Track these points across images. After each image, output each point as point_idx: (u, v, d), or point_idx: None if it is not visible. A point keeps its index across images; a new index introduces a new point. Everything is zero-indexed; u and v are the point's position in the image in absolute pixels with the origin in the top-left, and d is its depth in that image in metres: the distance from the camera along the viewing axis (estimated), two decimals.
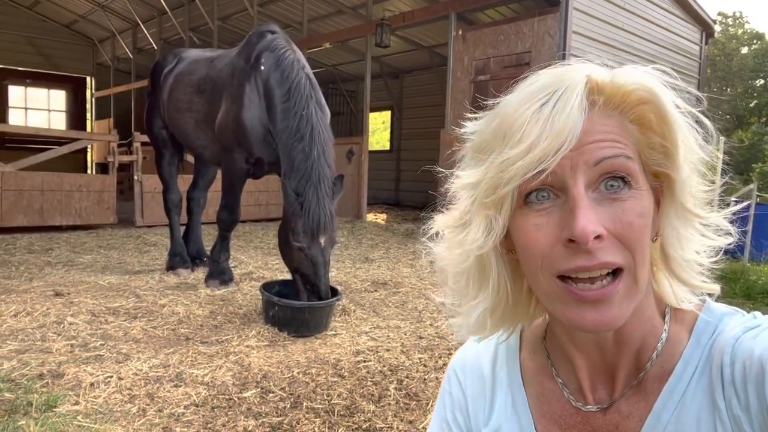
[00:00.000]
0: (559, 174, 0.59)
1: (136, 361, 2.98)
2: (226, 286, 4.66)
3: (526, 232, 0.62)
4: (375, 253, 6.92)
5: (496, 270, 0.70)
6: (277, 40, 4.30)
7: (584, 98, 0.59)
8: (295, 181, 3.72)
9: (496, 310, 0.72)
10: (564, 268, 0.60)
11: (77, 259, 5.87)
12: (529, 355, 0.80)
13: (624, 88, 0.61)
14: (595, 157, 0.59)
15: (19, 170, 7.99)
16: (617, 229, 0.59)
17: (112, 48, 17.85)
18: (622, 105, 0.61)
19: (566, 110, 0.57)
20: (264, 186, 9.75)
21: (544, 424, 0.75)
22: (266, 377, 2.87)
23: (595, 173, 0.59)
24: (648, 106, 0.61)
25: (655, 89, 0.61)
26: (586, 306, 0.60)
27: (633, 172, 0.60)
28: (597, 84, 0.61)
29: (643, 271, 0.61)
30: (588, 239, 0.56)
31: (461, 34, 8.20)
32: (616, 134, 0.60)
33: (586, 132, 0.59)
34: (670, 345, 0.68)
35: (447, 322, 0.72)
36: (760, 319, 0.63)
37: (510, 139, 0.60)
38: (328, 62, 14.97)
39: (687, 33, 9.58)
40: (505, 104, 0.63)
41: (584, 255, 0.58)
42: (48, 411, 2.41)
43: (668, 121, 0.61)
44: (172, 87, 4.99)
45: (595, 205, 0.59)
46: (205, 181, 5.63)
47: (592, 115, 0.60)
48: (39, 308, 3.81)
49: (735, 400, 0.59)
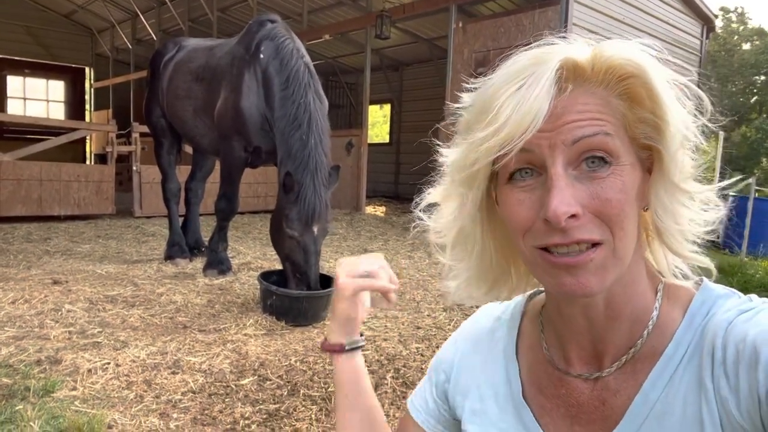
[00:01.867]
0: (538, 154, 0.61)
1: (134, 348, 2.98)
2: (224, 276, 4.66)
3: (510, 207, 0.65)
4: (373, 245, 6.93)
5: (480, 239, 0.73)
6: (277, 29, 4.28)
7: (553, 83, 0.60)
8: (292, 168, 3.71)
9: (487, 275, 0.77)
10: (541, 243, 0.62)
11: (75, 249, 5.87)
12: (528, 325, 0.82)
13: (609, 62, 0.61)
14: (572, 137, 0.60)
15: (18, 160, 7.97)
16: (595, 205, 0.60)
17: (111, 38, 17.76)
18: (606, 80, 0.61)
19: (532, 96, 0.59)
20: (263, 177, 9.74)
21: (532, 393, 0.76)
22: (263, 365, 2.87)
23: (575, 152, 0.60)
24: (635, 79, 0.61)
25: (643, 63, 0.60)
26: (563, 272, 0.62)
27: (612, 148, 0.60)
28: (575, 64, 0.61)
29: (624, 244, 0.62)
30: (560, 220, 0.58)
31: (461, 27, 8.17)
32: (596, 112, 0.60)
33: (564, 112, 0.60)
34: (662, 324, 0.67)
35: (444, 284, 0.78)
36: (755, 302, 0.63)
37: (484, 120, 0.62)
38: (328, 54, 14.91)
39: (688, 27, 9.56)
40: (488, 84, 0.65)
41: (559, 233, 0.60)
42: (45, 396, 2.42)
43: (656, 96, 0.60)
44: (171, 75, 4.97)
45: (575, 183, 0.60)
46: (203, 172, 5.62)
47: (570, 95, 0.60)
48: (37, 296, 3.81)
49: (724, 381, 0.59)
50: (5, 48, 16.95)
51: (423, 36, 12.91)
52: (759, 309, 0.61)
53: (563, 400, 0.72)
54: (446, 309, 4.05)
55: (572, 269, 0.61)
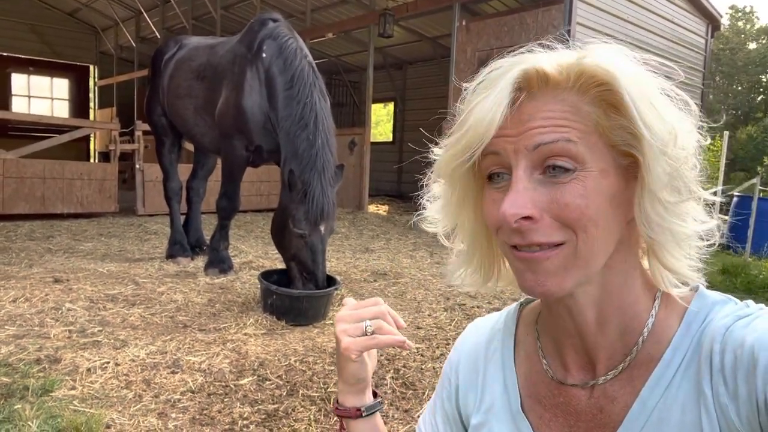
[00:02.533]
0: (505, 156, 0.63)
1: (134, 347, 2.98)
2: (225, 275, 4.66)
3: (486, 206, 0.67)
4: (375, 243, 6.92)
5: (471, 230, 0.76)
6: (279, 28, 4.28)
7: (508, 92, 0.61)
8: (299, 168, 3.70)
9: (477, 266, 0.78)
10: (507, 241, 0.65)
11: (78, 247, 5.88)
12: (524, 334, 0.81)
13: (581, 70, 0.61)
14: (533, 142, 0.61)
15: (21, 158, 7.99)
16: (554, 209, 0.61)
17: (115, 37, 17.79)
18: (577, 86, 0.61)
19: (488, 103, 0.62)
20: (265, 176, 9.74)
21: (530, 403, 0.75)
22: (263, 365, 2.87)
23: (537, 157, 0.61)
24: (605, 87, 0.60)
25: (614, 71, 0.59)
26: (525, 268, 0.64)
27: (575, 155, 0.60)
28: (542, 73, 0.62)
29: (588, 247, 0.61)
30: (509, 222, 0.61)
31: (465, 25, 8.15)
32: (561, 119, 0.60)
33: (530, 118, 0.61)
34: (658, 331, 0.67)
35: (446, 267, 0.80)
36: (752, 308, 0.63)
37: (457, 125, 0.66)
38: (331, 53, 14.90)
39: (692, 26, 9.51)
40: (469, 91, 0.67)
41: (518, 234, 0.62)
42: (44, 395, 2.41)
43: (625, 104, 0.59)
44: (172, 73, 4.97)
45: (537, 187, 0.61)
46: (204, 171, 5.62)
47: (539, 101, 0.62)
48: (38, 294, 3.81)
49: (723, 389, 0.58)
50: (10, 46, 17.02)
51: (426, 34, 12.88)
52: (756, 315, 0.61)
53: (561, 409, 0.72)
54: (447, 309, 4.04)
55: (533, 265, 0.62)
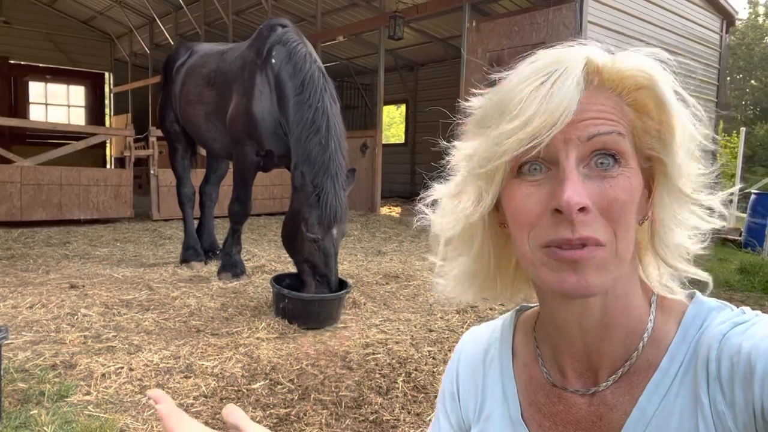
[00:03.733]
0: (551, 148, 0.61)
1: (148, 352, 3.01)
2: (238, 279, 4.69)
3: (516, 201, 0.64)
4: (388, 246, 6.92)
5: (481, 240, 0.73)
6: (288, 34, 4.30)
7: (581, 78, 0.60)
8: (311, 173, 3.72)
9: (476, 277, 0.76)
10: (548, 239, 0.61)
11: (94, 252, 5.96)
12: (521, 342, 0.81)
13: (623, 73, 0.62)
14: (588, 133, 0.60)
15: (38, 165, 8.12)
16: (603, 203, 0.60)
17: (130, 44, 18.02)
18: (619, 88, 0.62)
19: (563, 89, 0.59)
20: (278, 179, 9.79)
21: (530, 412, 0.75)
22: (275, 369, 2.88)
23: (587, 149, 0.61)
24: (646, 91, 0.62)
25: (654, 75, 0.61)
26: (566, 268, 0.61)
27: (624, 149, 0.61)
28: (596, 65, 0.62)
29: (624, 246, 0.61)
30: (572, 210, 0.58)
31: (475, 26, 8.13)
32: (611, 113, 0.61)
33: (582, 109, 0.60)
34: (656, 336, 0.67)
35: (433, 280, 0.78)
36: (748, 314, 0.62)
37: (508, 114, 0.62)
38: (342, 55, 14.95)
39: (706, 22, 9.38)
40: (506, 81, 0.65)
41: (568, 226, 0.59)
42: (60, 401, 2.45)
43: (666, 108, 0.61)
44: (183, 80, 5.02)
45: (585, 180, 0.60)
46: (217, 176, 5.67)
47: (589, 94, 0.61)
48: (54, 300, 3.87)
49: (720, 396, 0.58)
50: (27, 55, 17.30)
51: (437, 36, 12.87)
52: (752, 321, 0.60)
53: (561, 418, 0.71)
54: (459, 312, 4.03)
55: (577, 265, 0.60)
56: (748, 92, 23.70)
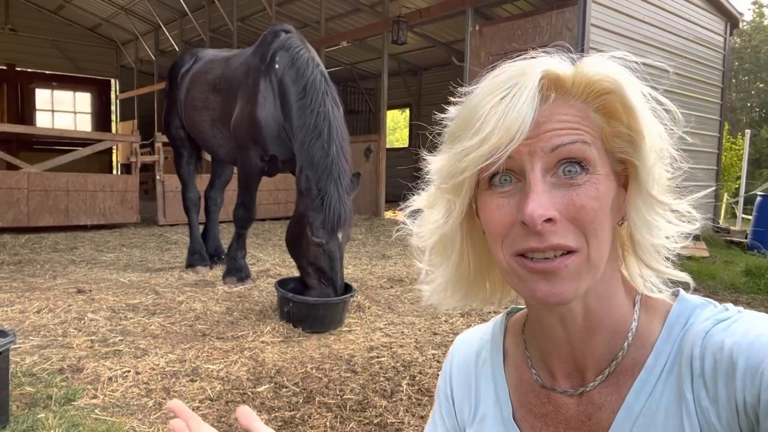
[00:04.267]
0: (518, 160, 0.62)
1: (154, 356, 3.03)
2: (243, 283, 4.71)
3: (489, 212, 0.65)
4: (392, 250, 6.93)
5: (459, 249, 0.74)
6: (291, 39, 4.33)
7: (536, 93, 0.61)
8: (315, 177, 3.74)
9: (459, 283, 0.77)
10: (519, 248, 0.62)
11: (100, 258, 5.99)
12: (512, 344, 0.82)
13: (588, 79, 0.62)
14: (551, 144, 0.61)
15: (45, 171, 8.18)
16: (570, 212, 0.60)
17: (135, 50, 18.15)
18: (584, 95, 0.63)
19: (518, 105, 0.60)
20: (283, 184, 9.83)
21: (521, 413, 0.76)
22: (280, 372, 2.90)
23: (553, 159, 0.61)
24: (612, 95, 0.62)
25: (619, 79, 0.62)
26: (538, 278, 0.62)
27: (589, 157, 0.61)
28: (556, 77, 0.63)
29: (598, 252, 0.62)
30: (536, 223, 0.59)
31: (478, 30, 8.15)
32: (575, 122, 0.62)
33: (545, 121, 0.61)
34: (641, 335, 0.68)
35: (419, 287, 0.80)
36: (731, 311, 0.63)
37: (470, 130, 0.63)
38: (346, 60, 15.00)
39: (710, 24, 9.37)
40: (472, 95, 0.66)
41: (536, 237, 0.60)
42: (67, 404, 2.47)
43: (632, 111, 0.62)
44: (188, 86, 5.06)
45: (552, 189, 0.61)
46: (222, 181, 5.70)
47: (552, 105, 0.62)
48: (61, 305, 3.90)
49: (703, 392, 0.59)
50: (34, 62, 17.45)
51: (440, 40, 12.91)
52: (735, 318, 0.61)
53: (551, 418, 0.72)
54: (463, 314, 4.03)
55: (548, 275, 0.61)
56: (753, 94, 23.60)
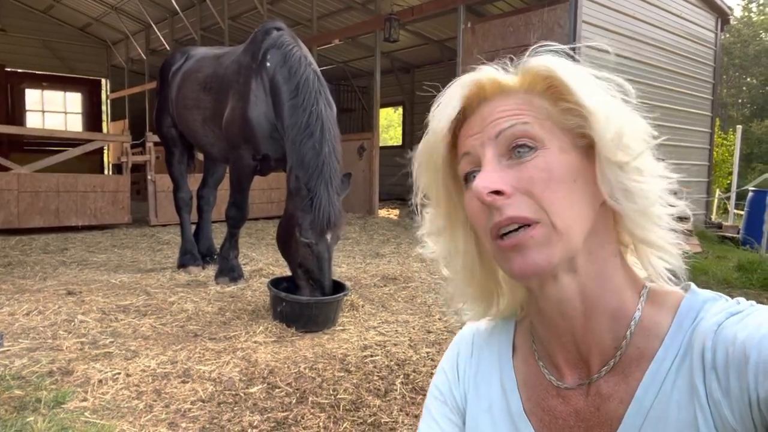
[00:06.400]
0: (475, 154, 0.70)
1: (145, 357, 3.00)
2: (236, 283, 4.68)
3: (468, 206, 0.72)
4: (386, 248, 6.91)
5: (463, 250, 0.81)
6: (283, 37, 4.29)
7: (456, 97, 0.73)
8: (305, 177, 3.71)
9: (468, 290, 0.84)
10: (489, 227, 0.67)
11: (91, 259, 5.94)
12: (521, 338, 0.83)
13: (525, 72, 0.71)
14: (495, 131, 0.69)
15: (35, 172, 8.11)
16: (522, 185, 0.66)
17: (126, 50, 18.02)
18: (525, 86, 0.70)
19: (440, 111, 0.74)
20: (276, 183, 9.78)
21: (530, 406, 0.77)
22: (273, 373, 2.87)
23: (502, 144, 0.68)
24: (548, 79, 0.69)
25: (550, 65, 0.68)
26: (512, 254, 0.66)
27: (533, 134, 0.67)
28: (494, 80, 0.72)
29: (562, 221, 0.65)
30: (481, 194, 0.65)
31: (470, 27, 8.13)
32: (514, 110, 0.69)
33: (488, 115, 0.70)
34: (648, 326, 0.68)
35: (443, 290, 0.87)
36: (743, 305, 0.64)
37: (426, 133, 0.76)
38: (338, 59, 14.96)
39: (701, 20, 9.39)
40: (435, 104, 0.78)
41: (496, 212, 0.66)
42: (56, 407, 2.44)
43: (570, 89, 0.67)
44: (180, 85, 5.02)
45: (506, 169, 0.67)
46: (214, 180, 5.66)
47: (493, 103, 0.71)
48: (51, 307, 3.85)
49: (715, 384, 0.59)
50: (23, 62, 17.30)
51: (433, 37, 12.89)
52: (748, 312, 0.62)
53: (560, 411, 0.73)
54: (458, 312, 4.01)
55: (518, 249, 0.65)
56: (744, 90, 23.74)
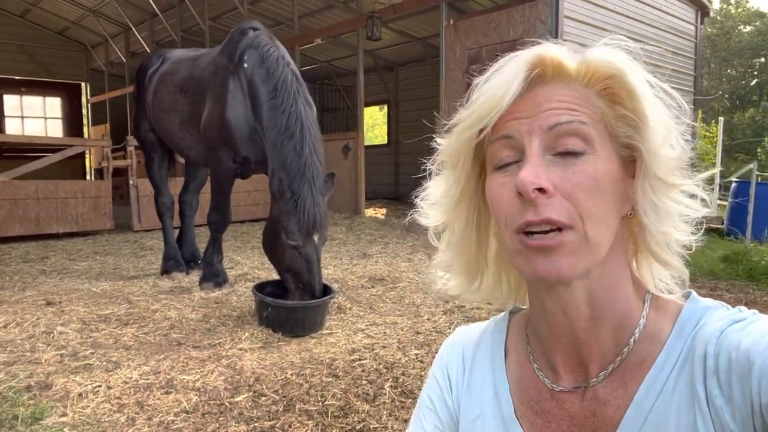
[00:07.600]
0: (518, 139, 0.65)
1: (126, 368, 2.92)
2: (220, 288, 4.61)
3: (493, 191, 0.68)
4: (373, 248, 6.86)
5: (462, 229, 0.78)
6: (260, 37, 4.22)
7: (524, 68, 0.65)
8: (288, 179, 3.64)
9: (459, 268, 0.81)
10: (518, 224, 0.64)
11: (72, 267, 5.82)
12: (514, 341, 0.81)
13: (590, 65, 0.66)
14: (549, 123, 0.64)
15: (14, 179, 7.94)
16: (565, 187, 0.62)
17: (106, 53, 17.78)
18: (586, 79, 0.66)
19: (503, 77, 0.65)
20: (261, 185, 9.68)
21: (522, 410, 0.75)
22: (259, 380, 2.81)
23: (551, 137, 0.64)
24: (615, 81, 0.64)
25: (621, 65, 0.64)
26: (537, 255, 0.63)
27: (586, 136, 0.63)
28: (557, 61, 0.66)
29: (596, 232, 0.62)
30: (527, 189, 0.61)
31: (452, 24, 8.10)
32: (574, 103, 0.64)
33: (544, 101, 0.65)
34: (650, 333, 0.67)
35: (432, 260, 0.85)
36: (745, 313, 0.64)
37: (471, 104, 0.69)
38: (321, 58, 14.87)
39: (681, 13, 9.44)
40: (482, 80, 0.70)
41: (532, 209, 0.62)
42: (34, 424, 2.36)
43: (636, 96, 0.63)
44: (156, 88, 4.92)
45: (549, 165, 0.63)
46: (196, 184, 5.57)
47: (551, 87, 0.66)
48: (29, 318, 3.75)
49: (717, 391, 0.59)
50: (1, 68, 16.98)
51: (416, 35, 12.85)
52: (751, 320, 0.61)
53: (554, 414, 0.71)
54: (446, 312, 3.98)
55: (546, 252, 0.62)
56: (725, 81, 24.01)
